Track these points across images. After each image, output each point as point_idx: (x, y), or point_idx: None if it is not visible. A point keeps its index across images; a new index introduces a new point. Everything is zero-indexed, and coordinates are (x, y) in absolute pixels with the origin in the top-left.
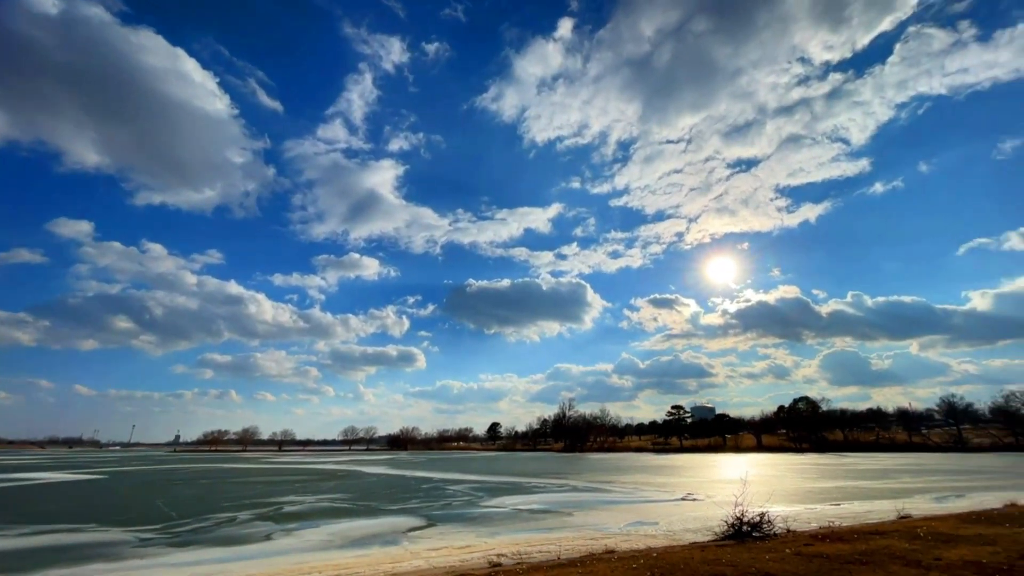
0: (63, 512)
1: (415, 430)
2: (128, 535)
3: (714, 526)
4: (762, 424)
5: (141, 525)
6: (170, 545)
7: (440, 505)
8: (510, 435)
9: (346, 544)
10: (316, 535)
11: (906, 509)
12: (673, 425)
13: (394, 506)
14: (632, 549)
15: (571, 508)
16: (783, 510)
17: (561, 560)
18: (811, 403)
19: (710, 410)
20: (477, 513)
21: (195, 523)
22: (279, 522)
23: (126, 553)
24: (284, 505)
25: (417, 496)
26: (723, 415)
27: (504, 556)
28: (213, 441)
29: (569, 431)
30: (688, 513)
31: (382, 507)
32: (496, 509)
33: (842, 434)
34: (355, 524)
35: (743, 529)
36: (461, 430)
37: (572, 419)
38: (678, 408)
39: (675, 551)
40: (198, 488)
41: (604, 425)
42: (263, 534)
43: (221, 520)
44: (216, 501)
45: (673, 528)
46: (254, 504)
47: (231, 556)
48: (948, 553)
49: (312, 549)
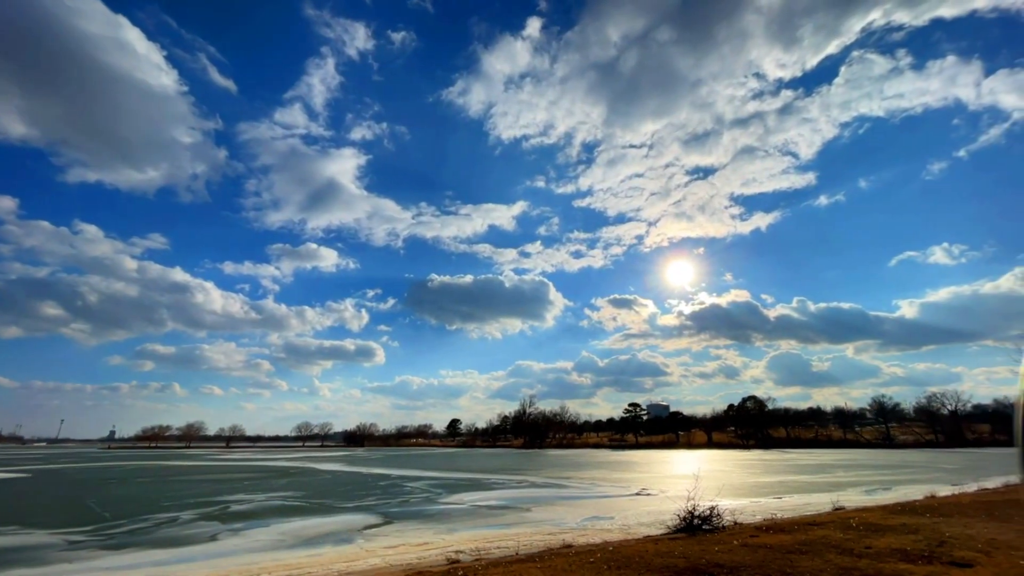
0: None
1: (373, 426)
2: (55, 538)
3: (667, 520)
4: (713, 422)
5: (70, 527)
6: (103, 548)
7: (398, 502)
8: (470, 431)
9: (298, 543)
10: (266, 535)
11: (840, 501)
12: (630, 422)
13: (349, 504)
14: (589, 543)
15: (529, 504)
16: (731, 504)
17: (520, 555)
18: (758, 402)
19: (664, 408)
20: (435, 510)
21: (131, 524)
22: (225, 522)
23: (52, 557)
24: (231, 504)
25: (374, 493)
26: (677, 413)
27: (462, 552)
28: (153, 437)
29: (529, 428)
30: (643, 508)
31: (337, 505)
32: (455, 506)
33: (785, 431)
34: (308, 523)
35: (694, 522)
36: (420, 426)
37: (532, 416)
38: (635, 406)
39: (630, 544)
40: (135, 487)
41: (563, 422)
42: (208, 534)
43: (161, 521)
44: (155, 501)
45: (628, 522)
46: (198, 503)
47: (172, 558)
48: (877, 542)
49: (261, 549)
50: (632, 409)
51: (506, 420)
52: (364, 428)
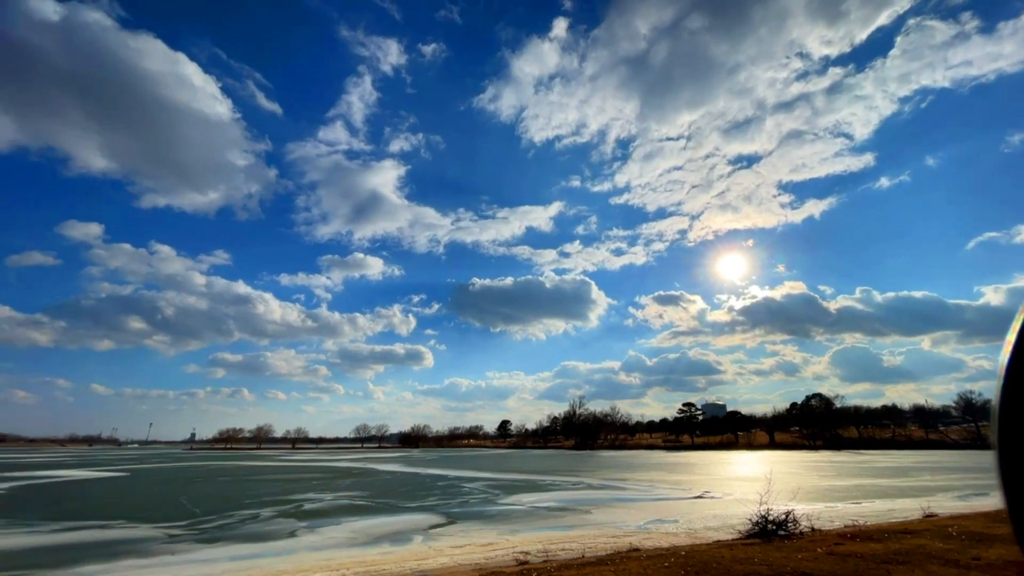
0: (90, 509)
1: (426, 428)
2: (156, 532)
3: (736, 524)
4: (775, 421)
5: (168, 522)
6: (198, 541)
7: (458, 503)
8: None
9: (369, 541)
10: (339, 532)
11: (931, 508)
12: (684, 422)
13: (412, 504)
14: (657, 547)
15: (588, 505)
16: (804, 508)
17: (588, 558)
18: (824, 400)
19: (721, 407)
20: (495, 511)
21: (220, 520)
22: (301, 519)
23: (156, 549)
24: (304, 503)
25: (434, 494)
26: (735, 412)
27: (529, 554)
28: (228, 439)
29: (580, 429)
30: (707, 511)
31: (401, 504)
32: (514, 507)
33: (857, 431)
34: (376, 521)
35: (768, 528)
36: (471, 428)
37: (582, 417)
38: (689, 406)
39: (702, 549)
40: (218, 486)
41: (614, 423)
42: (287, 531)
43: (245, 517)
44: (237, 498)
45: (694, 526)
46: (275, 501)
47: (259, 552)
48: (986, 553)
49: (337, 546)
50: (686, 409)
51: (556, 421)
52: (418, 429)
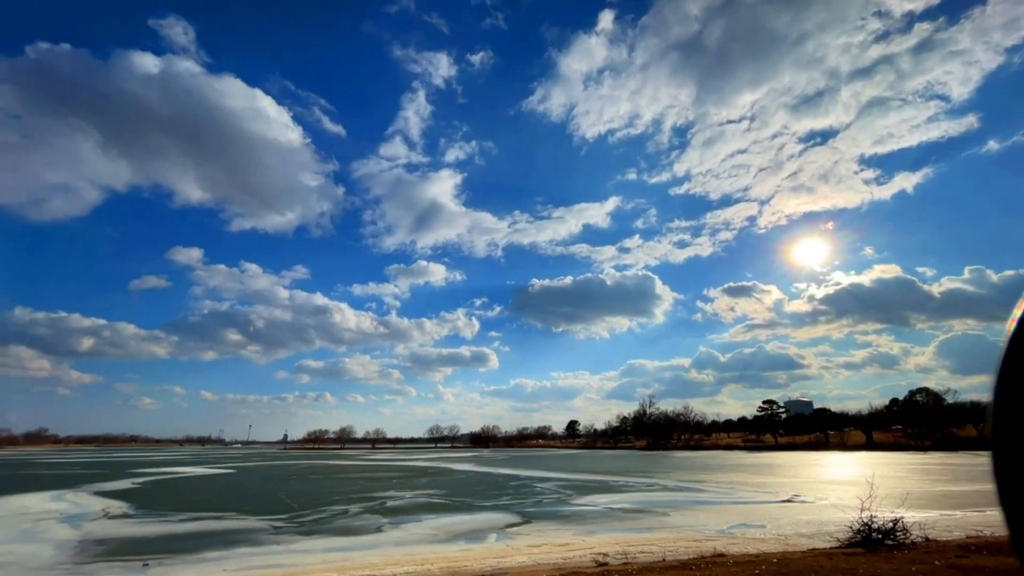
0: (207, 502)
1: (495, 428)
2: (262, 523)
3: (834, 531)
4: (871, 419)
5: (271, 514)
6: (298, 533)
7: (532, 502)
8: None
9: (449, 538)
10: (421, 529)
11: None
12: (765, 421)
13: (487, 503)
14: (744, 553)
15: (665, 508)
16: (915, 516)
17: (670, 562)
18: (932, 395)
19: (807, 404)
20: (569, 511)
21: (314, 514)
22: (385, 515)
23: (264, 539)
24: (387, 500)
25: (507, 493)
26: (823, 410)
27: (608, 556)
28: (315, 439)
29: (651, 429)
30: (798, 516)
31: (476, 503)
32: (588, 507)
33: (976, 430)
34: (454, 519)
35: (873, 536)
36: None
37: (653, 416)
38: (770, 403)
39: (796, 558)
40: (310, 483)
41: (688, 422)
42: (374, 526)
43: (336, 512)
44: (328, 495)
45: (784, 532)
46: (360, 498)
47: (351, 545)
48: None
49: (420, 542)
50: (767, 407)
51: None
52: (487, 430)
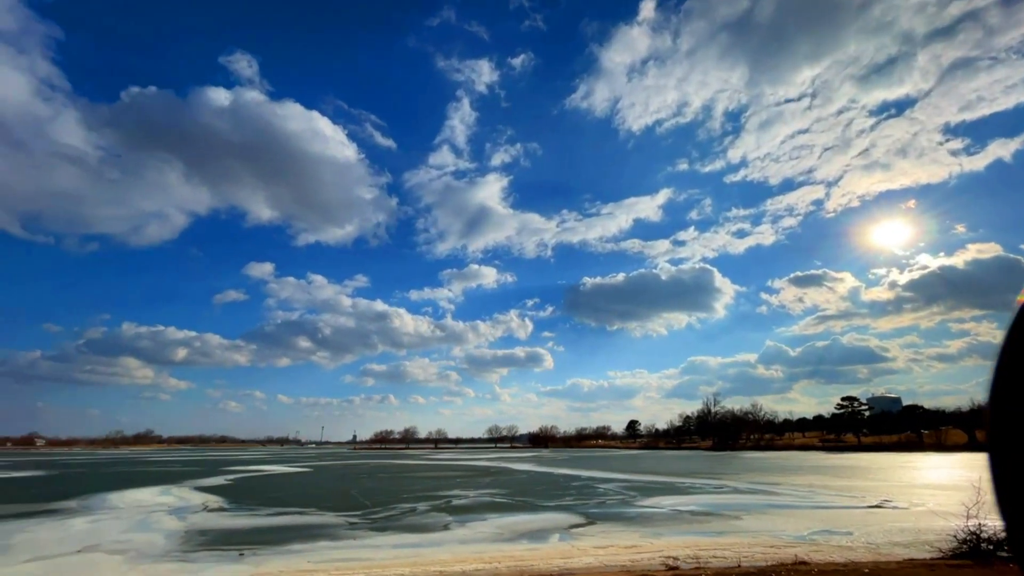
0: (289, 498)
1: (554, 428)
2: (339, 519)
3: (933, 540)
4: (974, 416)
5: (346, 511)
6: (372, 529)
7: (595, 503)
8: (650, 433)
9: (514, 537)
10: (486, 527)
11: None
12: (845, 419)
13: (550, 503)
14: (830, 562)
15: (737, 511)
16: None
17: (746, 568)
18: None
19: (894, 401)
20: (634, 512)
21: (385, 512)
22: (451, 514)
23: (341, 534)
24: (452, 499)
25: (569, 493)
26: (914, 406)
27: (678, 559)
28: (382, 440)
29: (717, 428)
30: (890, 523)
31: (539, 503)
32: (653, 509)
33: None
34: (518, 519)
35: (982, 547)
36: (599, 428)
37: (719, 415)
38: (850, 400)
39: (891, 568)
40: (380, 481)
41: (757, 421)
42: (441, 524)
43: (404, 510)
44: (397, 493)
45: (875, 540)
46: (427, 497)
47: (421, 542)
48: None
49: (486, 540)
50: (847, 403)
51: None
52: (546, 430)
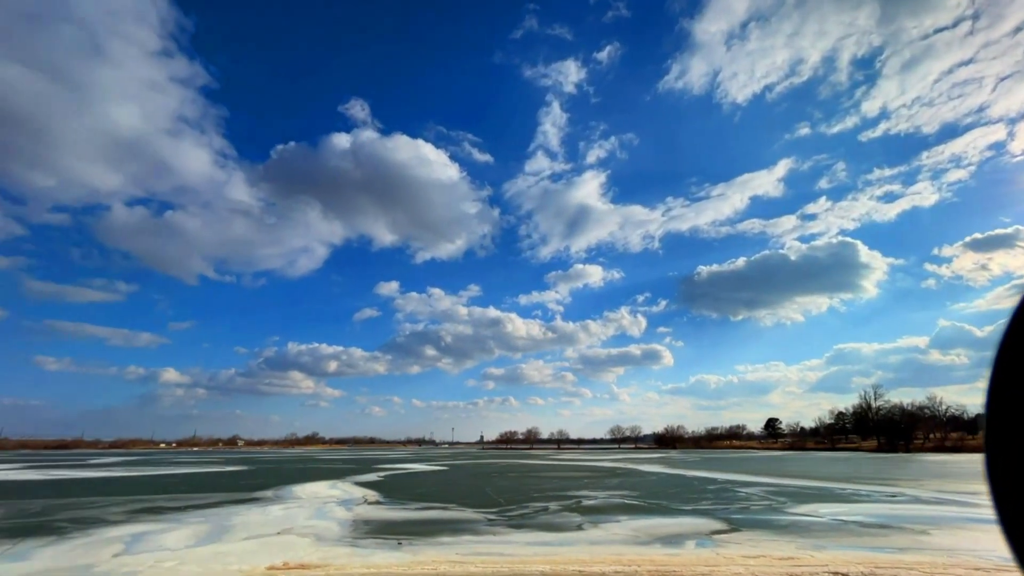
0: (432, 494)
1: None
2: (478, 515)
3: None
4: None
5: (483, 507)
6: (508, 526)
7: (736, 508)
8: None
9: (650, 540)
10: (620, 529)
11: None
12: None
13: (685, 506)
14: None
15: (923, 524)
16: None
17: None
18: None
19: None
20: (786, 521)
21: (519, 510)
22: (583, 514)
23: (482, 529)
24: (581, 499)
25: (706, 497)
26: None
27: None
28: (507, 440)
29: (882, 426)
30: None
31: (672, 506)
32: (810, 518)
33: None
34: (652, 522)
35: None
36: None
37: (883, 410)
38: None
39: None
40: (510, 480)
41: (937, 416)
42: (575, 524)
43: (537, 508)
44: (527, 492)
45: None
46: (556, 496)
47: (556, 540)
48: None
49: (621, 542)
50: None
51: (843, 417)
52: (672, 430)
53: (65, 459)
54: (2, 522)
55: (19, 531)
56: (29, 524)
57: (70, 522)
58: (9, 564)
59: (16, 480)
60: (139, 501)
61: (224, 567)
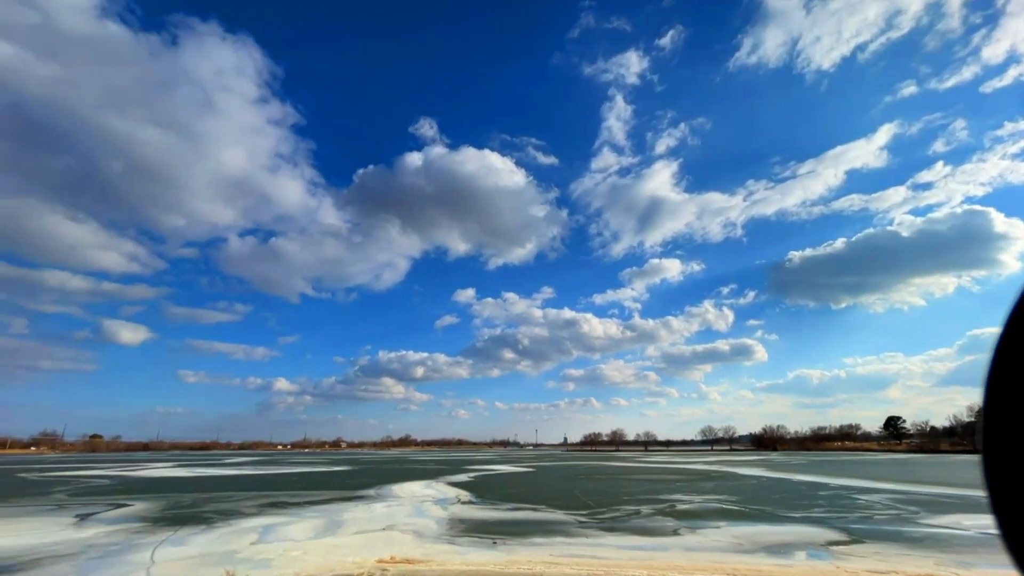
0: (522, 495)
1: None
2: (568, 517)
3: None
4: None
5: (573, 509)
6: (600, 528)
7: (856, 517)
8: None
9: (755, 549)
10: (720, 536)
11: None
12: None
13: (794, 513)
14: None
15: None
16: None
17: None
18: None
19: None
20: (919, 533)
21: (610, 512)
22: (678, 519)
23: (574, 531)
24: (675, 503)
25: (817, 504)
26: None
27: None
28: (591, 442)
29: None
30: None
31: (778, 513)
32: (950, 531)
33: None
34: (756, 529)
35: None
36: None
37: None
38: None
39: None
40: (598, 482)
41: None
42: (670, 529)
43: (629, 512)
44: (616, 494)
45: None
46: (648, 500)
47: (651, 545)
48: None
49: (723, 550)
50: None
51: None
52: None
53: (205, 459)
54: (166, 512)
55: (177, 520)
56: (184, 514)
57: (215, 513)
58: (174, 548)
59: (171, 476)
60: (266, 496)
61: (340, 559)
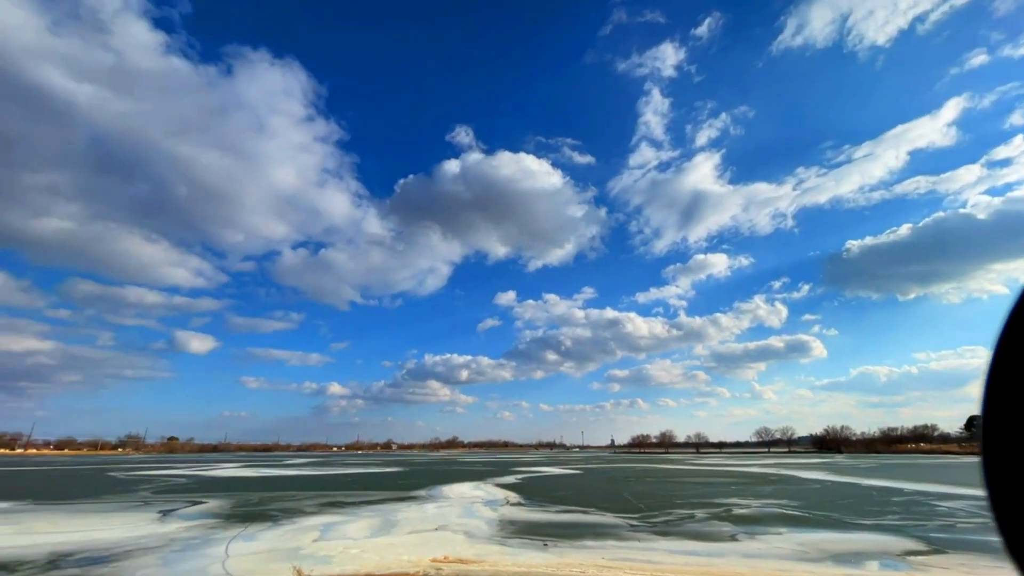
0: (570, 497)
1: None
2: (619, 520)
3: None
4: None
5: (623, 512)
6: (652, 532)
7: (936, 526)
8: None
9: (823, 558)
10: (782, 542)
11: None
12: None
13: (864, 520)
14: None
15: None
16: None
17: None
18: None
19: None
20: None
21: (662, 516)
22: (736, 524)
23: (625, 535)
24: (731, 507)
25: (890, 510)
26: None
27: None
28: (640, 444)
29: None
30: None
31: (846, 520)
32: None
33: None
34: (822, 536)
35: None
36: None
37: None
38: None
39: None
40: (648, 485)
41: None
42: (727, 534)
43: (682, 516)
44: (669, 497)
45: None
46: (702, 504)
47: (707, 551)
48: None
49: (784, 557)
50: None
51: None
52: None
53: (268, 460)
54: (236, 509)
55: (246, 517)
56: (252, 512)
57: (280, 511)
58: (246, 543)
59: (239, 476)
60: (325, 496)
61: (396, 557)
